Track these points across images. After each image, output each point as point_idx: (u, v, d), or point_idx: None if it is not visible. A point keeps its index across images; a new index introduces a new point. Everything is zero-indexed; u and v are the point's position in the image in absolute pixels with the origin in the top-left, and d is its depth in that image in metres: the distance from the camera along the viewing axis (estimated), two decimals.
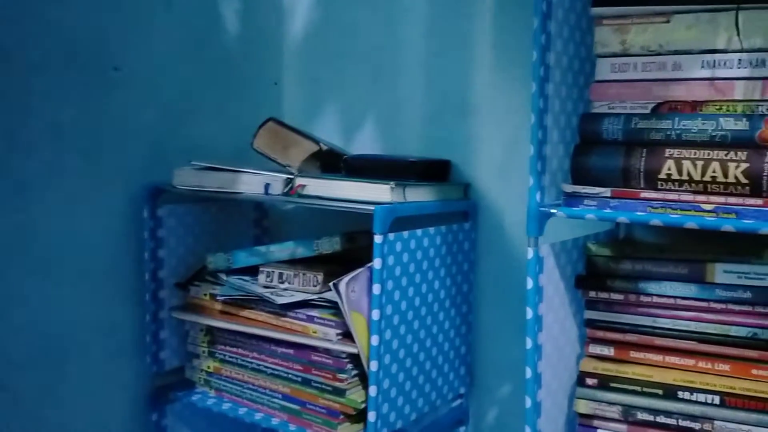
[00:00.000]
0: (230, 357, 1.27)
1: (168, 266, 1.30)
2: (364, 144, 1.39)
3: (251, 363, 1.24)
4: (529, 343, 0.96)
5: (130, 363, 1.29)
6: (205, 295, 1.27)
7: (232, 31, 1.41)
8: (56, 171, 1.16)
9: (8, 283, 1.13)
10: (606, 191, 0.92)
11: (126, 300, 1.27)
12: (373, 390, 1.08)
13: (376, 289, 1.07)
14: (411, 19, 1.34)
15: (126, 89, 1.24)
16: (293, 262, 1.24)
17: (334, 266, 1.24)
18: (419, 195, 1.17)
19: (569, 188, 0.94)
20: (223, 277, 1.27)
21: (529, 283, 0.95)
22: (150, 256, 1.27)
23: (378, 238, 1.06)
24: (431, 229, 1.16)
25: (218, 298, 1.25)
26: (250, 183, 1.22)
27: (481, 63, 1.27)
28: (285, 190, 1.21)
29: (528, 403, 0.97)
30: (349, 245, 1.29)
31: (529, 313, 0.95)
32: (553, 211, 0.93)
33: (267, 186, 1.21)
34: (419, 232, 1.14)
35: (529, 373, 0.96)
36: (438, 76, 1.32)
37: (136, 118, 1.26)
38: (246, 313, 1.23)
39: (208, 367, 1.29)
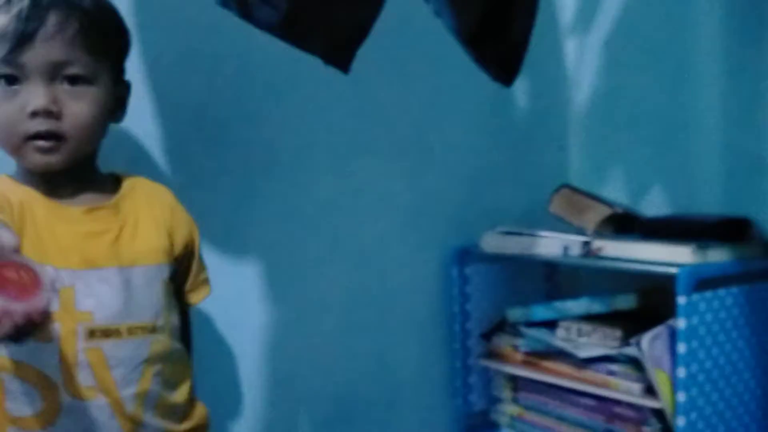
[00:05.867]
0: (533, 404, 1.38)
1: (473, 319, 1.46)
2: (654, 205, 1.43)
3: (554, 411, 1.34)
4: None
5: (444, 404, 1.47)
6: (508, 345, 1.41)
7: (521, 103, 1.56)
8: (388, 240, 1.39)
9: (356, 334, 1.36)
10: None
11: (439, 348, 1.46)
12: None
13: (682, 348, 1.12)
14: (701, 80, 1.35)
15: (436, 165, 1.45)
16: (588, 318, 1.33)
17: (628, 323, 1.30)
18: (720, 255, 1.19)
19: None
20: (523, 329, 1.39)
21: None
22: (459, 309, 1.45)
23: (682, 300, 1.11)
24: (734, 289, 1.18)
25: (521, 349, 1.38)
26: (549, 246, 1.34)
27: None
28: (583, 252, 1.30)
29: None
30: (643, 302, 1.34)
31: None
32: None
33: (565, 248, 1.32)
34: (722, 292, 1.16)
35: None
36: (732, 133, 1.31)
37: (446, 190, 1.46)
38: (547, 364, 1.34)
39: (512, 412, 1.42)
